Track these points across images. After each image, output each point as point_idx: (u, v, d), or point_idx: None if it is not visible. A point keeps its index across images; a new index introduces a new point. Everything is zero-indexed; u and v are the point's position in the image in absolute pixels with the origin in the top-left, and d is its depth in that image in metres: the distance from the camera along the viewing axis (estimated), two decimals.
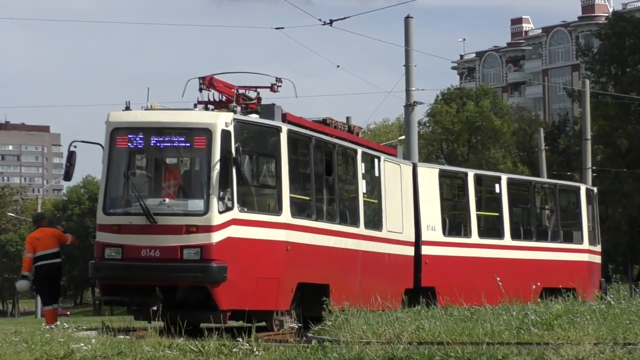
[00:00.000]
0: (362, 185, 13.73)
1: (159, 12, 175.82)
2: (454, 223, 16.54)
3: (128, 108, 11.71)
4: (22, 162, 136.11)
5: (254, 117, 12.06)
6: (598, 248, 19.65)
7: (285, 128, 12.03)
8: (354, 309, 10.58)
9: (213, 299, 11.03)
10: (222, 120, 11.24)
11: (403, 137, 23.83)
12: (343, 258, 13.12)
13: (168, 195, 11.36)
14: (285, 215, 11.81)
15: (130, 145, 11.37)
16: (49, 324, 11.50)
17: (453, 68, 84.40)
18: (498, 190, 17.14)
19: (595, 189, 20.53)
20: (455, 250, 16.03)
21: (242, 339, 8.67)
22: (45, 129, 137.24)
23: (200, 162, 11.48)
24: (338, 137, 13.54)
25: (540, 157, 33.76)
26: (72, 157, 11.60)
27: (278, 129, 11.93)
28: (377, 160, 14.37)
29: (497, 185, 17.23)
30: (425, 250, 15.43)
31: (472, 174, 16.93)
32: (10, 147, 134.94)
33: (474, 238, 16.49)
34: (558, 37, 78.98)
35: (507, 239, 17.10)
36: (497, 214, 17.13)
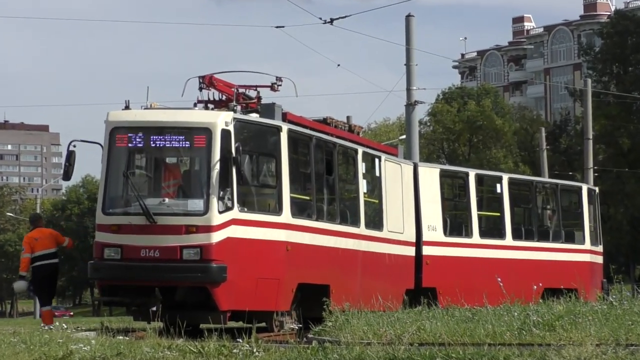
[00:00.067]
0: (362, 185, 13.69)
1: (159, 11, 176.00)
2: (455, 223, 16.49)
3: (127, 107, 11.68)
4: (21, 161, 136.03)
5: (254, 116, 12.03)
6: (600, 248, 19.59)
7: (286, 127, 11.99)
8: (355, 310, 10.55)
9: (213, 300, 11.00)
10: (222, 120, 11.20)
11: (404, 136, 23.78)
12: (343, 258, 13.08)
13: (168, 195, 11.32)
14: (286, 215, 11.78)
15: (130, 145, 11.33)
16: (48, 325, 11.45)
17: (454, 67, 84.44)
18: (499, 190, 17.11)
19: (597, 189, 20.48)
20: (457, 251, 15.99)
21: (242, 340, 8.64)
22: (45, 129, 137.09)
23: (200, 161, 11.45)
24: (338, 136, 13.51)
25: (542, 156, 33.70)
26: (71, 156, 11.56)
27: (278, 129, 11.90)
28: (377, 160, 14.33)
29: (498, 185, 17.20)
30: (426, 251, 15.39)
31: (473, 174, 16.89)
32: (9, 146, 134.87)
33: (475, 238, 16.45)
34: (560, 35, 78.93)
35: (508, 239, 17.06)
36: (498, 214, 17.09)
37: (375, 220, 14.15)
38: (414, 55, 19.39)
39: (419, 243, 15.30)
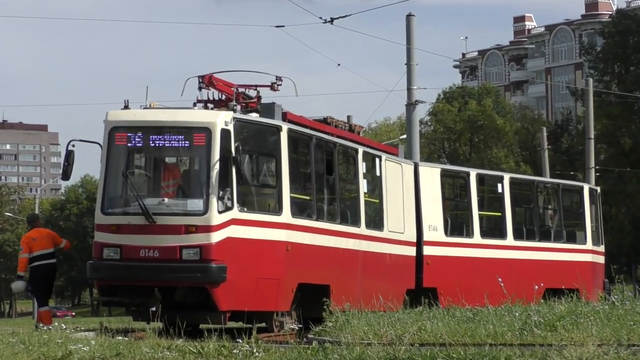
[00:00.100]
0: (363, 185, 13.67)
1: (158, 10, 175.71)
2: (456, 223, 16.46)
3: (127, 107, 11.65)
4: (19, 161, 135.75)
5: (254, 116, 12.00)
6: (601, 248, 19.55)
7: (286, 127, 11.96)
8: (355, 310, 10.53)
9: (212, 300, 10.97)
10: (221, 119, 11.17)
11: (404, 136, 23.74)
12: (344, 258, 13.06)
13: (167, 195, 11.30)
14: (286, 215, 11.75)
15: (129, 145, 11.31)
16: (47, 325, 11.43)
17: (455, 66, 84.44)
18: (500, 190, 17.07)
19: (599, 189, 20.43)
20: (457, 251, 15.96)
21: (242, 340, 8.60)
22: (43, 128, 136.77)
23: (200, 161, 11.43)
24: (339, 136, 13.48)
25: (543, 156, 33.65)
26: (70, 156, 11.54)
27: (278, 128, 11.87)
28: (378, 160, 14.30)
29: (499, 185, 17.16)
30: (427, 251, 15.36)
31: (474, 174, 16.86)
32: (8, 146, 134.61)
33: (476, 238, 16.42)
34: (561, 35, 78.88)
35: (509, 239, 17.02)
36: (499, 214, 17.05)
37: (376, 220, 14.12)
38: (415, 55, 19.36)
39: (420, 243, 15.27)
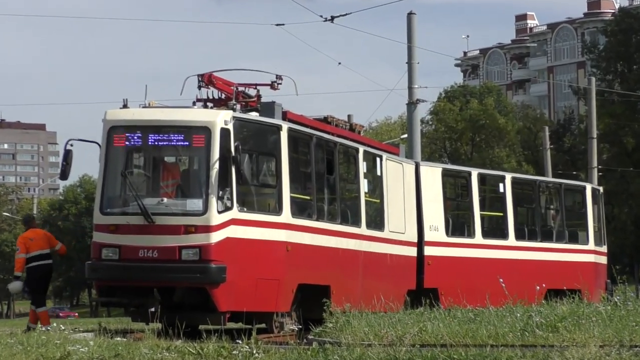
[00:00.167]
0: (363, 185, 13.63)
1: (158, 8, 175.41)
2: (457, 223, 16.40)
3: (126, 106, 11.61)
4: (17, 160, 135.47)
5: (254, 115, 11.96)
6: (604, 249, 19.50)
7: (286, 126, 11.92)
8: (356, 311, 10.51)
9: (212, 301, 10.94)
10: (221, 119, 11.12)
11: (405, 135, 23.67)
12: (344, 259, 13.02)
13: (166, 195, 11.25)
14: (286, 215, 11.70)
15: (128, 144, 11.28)
16: (45, 326, 11.39)
17: (456, 65, 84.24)
18: (502, 190, 17.01)
19: (601, 189, 20.37)
20: (459, 251, 15.91)
21: (241, 341, 8.57)
22: (41, 127, 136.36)
23: (199, 161, 11.38)
24: (339, 135, 13.44)
25: (545, 156, 33.59)
26: (68, 155, 11.51)
27: (278, 127, 11.82)
28: (379, 159, 14.26)
29: (501, 185, 17.10)
30: (428, 251, 15.31)
31: (475, 173, 16.80)
32: (6, 145, 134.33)
33: (478, 238, 16.37)
34: (563, 33, 78.74)
35: (511, 240, 16.97)
36: (501, 214, 17.00)
37: (377, 220, 14.08)
38: (416, 54, 19.32)
39: (421, 243, 15.24)
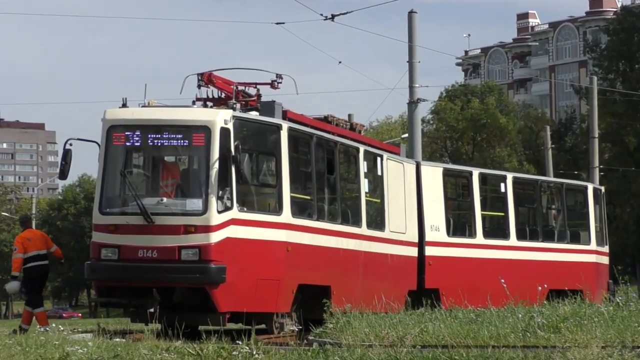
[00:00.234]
0: (364, 185, 13.60)
1: (157, 7, 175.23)
2: (459, 223, 16.36)
3: (125, 105, 11.58)
4: (16, 160, 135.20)
5: (254, 114, 11.93)
6: (606, 249, 19.46)
7: (286, 126, 11.88)
8: (356, 311, 10.48)
9: (212, 301, 10.90)
10: (221, 118, 11.08)
11: (406, 135, 23.61)
12: (345, 259, 12.98)
13: (166, 195, 11.21)
14: (286, 215, 11.66)
15: (127, 143, 11.23)
16: (43, 326, 11.35)
17: (457, 64, 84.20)
18: (503, 190, 16.97)
19: (603, 189, 20.34)
20: (460, 251, 15.86)
21: (241, 342, 8.52)
22: (40, 127, 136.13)
23: (199, 160, 11.35)
24: (340, 135, 13.41)
25: (547, 155, 33.52)
26: (67, 155, 11.47)
27: (278, 127, 11.78)
28: (379, 159, 14.21)
29: (502, 185, 17.06)
30: (429, 251, 15.27)
31: (476, 173, 16.76)
32: (5, 145, 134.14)
33: (479, 238, 16.32)
34: (565, 32, 78.64)
35: (512, 240, 16.92)
36: (502, 214, 16.96)
37: (377, 220, 14.04)
38: (417, 52, 19.24)
39: (422, 243, 15.20)
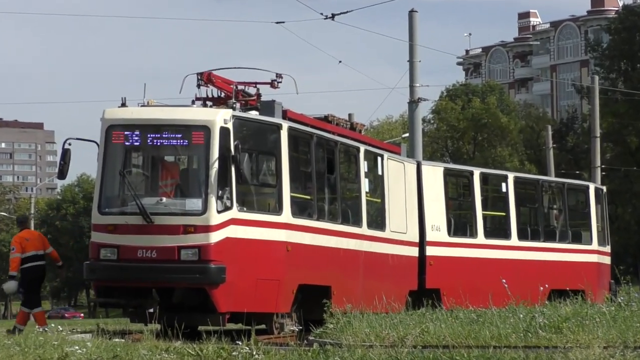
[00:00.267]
0: (364, 184, 13.57)
1: (157, 6, 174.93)
2: (460, 223, 16.33)
3: (124, 104, 11.57)
4: (15, 160, 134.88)
5: (254, 113, 11.90)
6: (607, 249, 19.41)
7: (286, 125, 11.85)
8: (357, 312, 10.46)
9: (211, 301, 10.88)
10: (220, 117, 11.05)
11: (407, 134, 23.59)
12: (345, 259, 12.96)
13: (165, 194, 11.19)
14: (286, 215, 11.63)
15: (126, 143, 11.21)
16: (41, 327, 11.32)
17: (458, 64, 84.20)
18: (505, 190, 16.93)
19: (605, 188, 20.29)
20: (461, 251, 15.83)
21: (241, 342, 8.48)
22: (39, 126, 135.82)
23: (199, 160, 11.33)
24: (340, 134, 13.38)
25: (548, 155, 33.46)
26: (66, 155, 11.44)
27: (278, 126, 11.76)
28: (380, 159, 14.18)
29: (503, 184, 17.02)
30: (430, 251, 15.23)
31: (478, 173, 16.72)
32: (3, 144, 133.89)
33: (480, 238, 16.29)
34: (566, 31, 78.59)
35: (514, 240, 16.88)
36: (503, 214, 16.93)
37: (378, 220, 14.01)
38: (417, 52, 19.19)
39: (423, 243, 15.17)
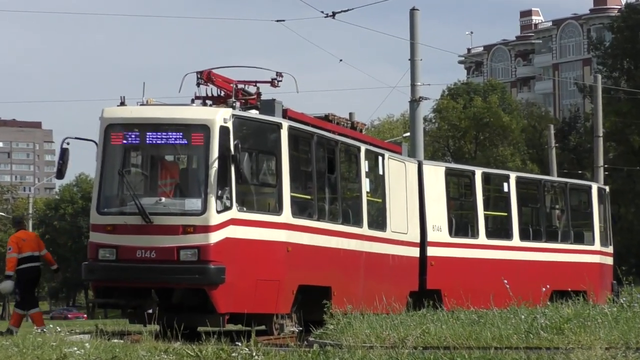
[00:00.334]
0: (365, 184, 13.53)
1: (156, 4, 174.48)
2: (461, 223, 16.29)
3: (123, 103, 11.53)
4: (12, 159, 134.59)
5: (254, 113, 11.87)
6: (610, 249, 19.37)
7: (286, 124, 11.81)
8: (357, 312, 10.44)
9: (211, 302, 10.84)
10: (220, 116, 11.01)
11: (408, 133, 23.56)
12: (346, 259, 12.92)
13: (164, 194, 11.15)
14: (286, 215, 11.59)
15: (125, 142, 11.18)
16: (39, 327, 11.28)
17: (460, 62, 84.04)
18: (506, 189, 16.89)
19: (607, 188, 20.22)
20: (462, 252, 15.78)
21: (241, 343, 8.43)
22: (37, 125, 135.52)
23: (198, 159, 11.29)
24: (341, 133, 13.34)
25: (550, 154, 33.40)
26: (64, 154, 11.40)
27: (278, 126, 11.72)
28: (381, 158, 14.14)
29: (505, 184, 16.98)
30: (431, 252, 15.19)
31: (479, 172, 16.67)
32: (1, 144, 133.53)
33: (482, 239, 16.25)
34: (569, 30, 78.43)
35: (515, 240, 16.84)
36: (505, 214, 16.89)
37: (379, 220, 13.97)
38: (419, 50, 19.12)
39: (424, 244, 15.14)
